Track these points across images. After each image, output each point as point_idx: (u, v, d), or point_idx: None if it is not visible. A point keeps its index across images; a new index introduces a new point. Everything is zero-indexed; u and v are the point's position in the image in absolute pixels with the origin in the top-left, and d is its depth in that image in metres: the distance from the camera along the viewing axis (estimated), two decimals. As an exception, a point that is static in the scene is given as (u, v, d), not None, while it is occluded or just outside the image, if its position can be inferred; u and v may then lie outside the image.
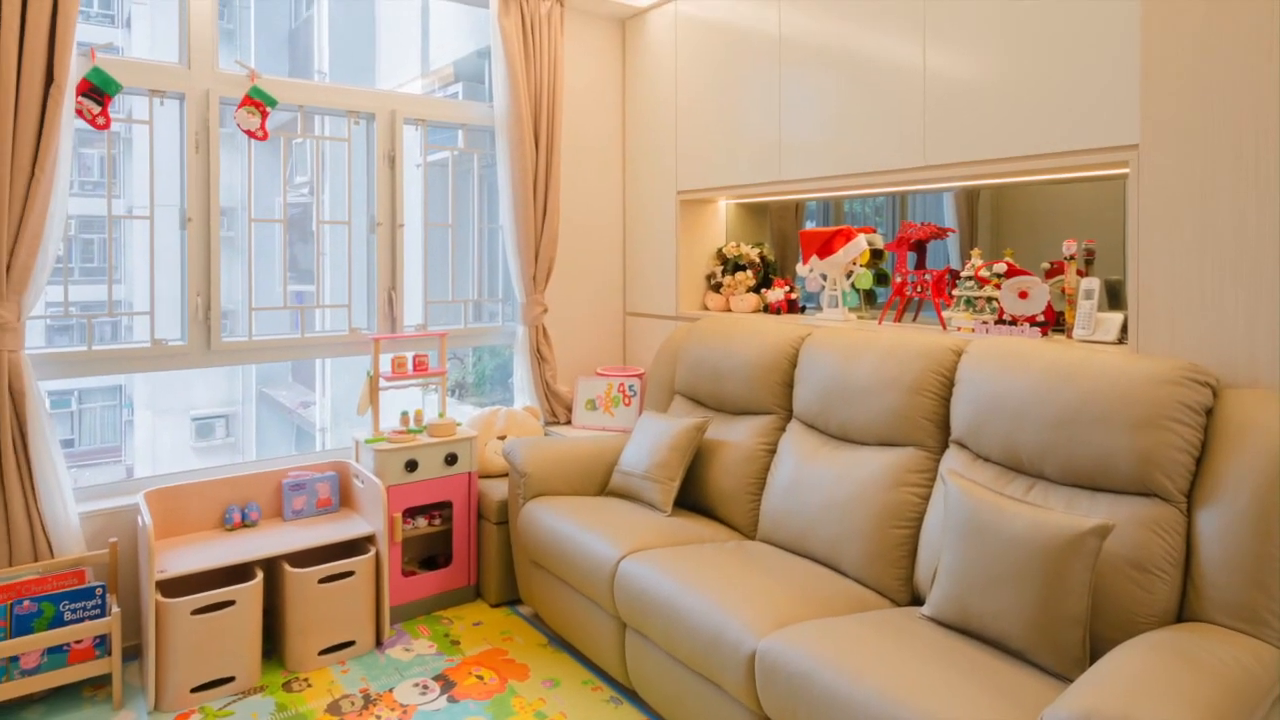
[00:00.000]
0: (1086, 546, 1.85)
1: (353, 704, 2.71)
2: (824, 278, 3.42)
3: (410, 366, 3.55)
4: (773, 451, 3.05)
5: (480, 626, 3.31)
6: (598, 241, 4.47)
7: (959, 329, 2.85)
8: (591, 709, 2.72)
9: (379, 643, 3.13)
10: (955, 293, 2.94)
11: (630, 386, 4.06)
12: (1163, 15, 2.23)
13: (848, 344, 2.86)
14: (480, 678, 2.90)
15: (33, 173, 2.72)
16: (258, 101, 3.30)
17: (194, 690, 2.70)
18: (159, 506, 3.03)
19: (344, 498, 3.42)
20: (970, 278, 2.88)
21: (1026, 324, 2.67)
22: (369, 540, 3.15)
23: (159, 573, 2.68)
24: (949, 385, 2.56)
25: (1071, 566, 1.86)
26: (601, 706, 2.73)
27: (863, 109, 3.14)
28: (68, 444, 10.13)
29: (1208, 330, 2.16)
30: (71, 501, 2.85)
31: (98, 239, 9.49)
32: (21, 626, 2.59)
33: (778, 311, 3.73)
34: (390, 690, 2.80)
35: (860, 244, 3.25)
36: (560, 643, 3.18)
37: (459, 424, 3.57)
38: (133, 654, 3.00)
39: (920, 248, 3.15)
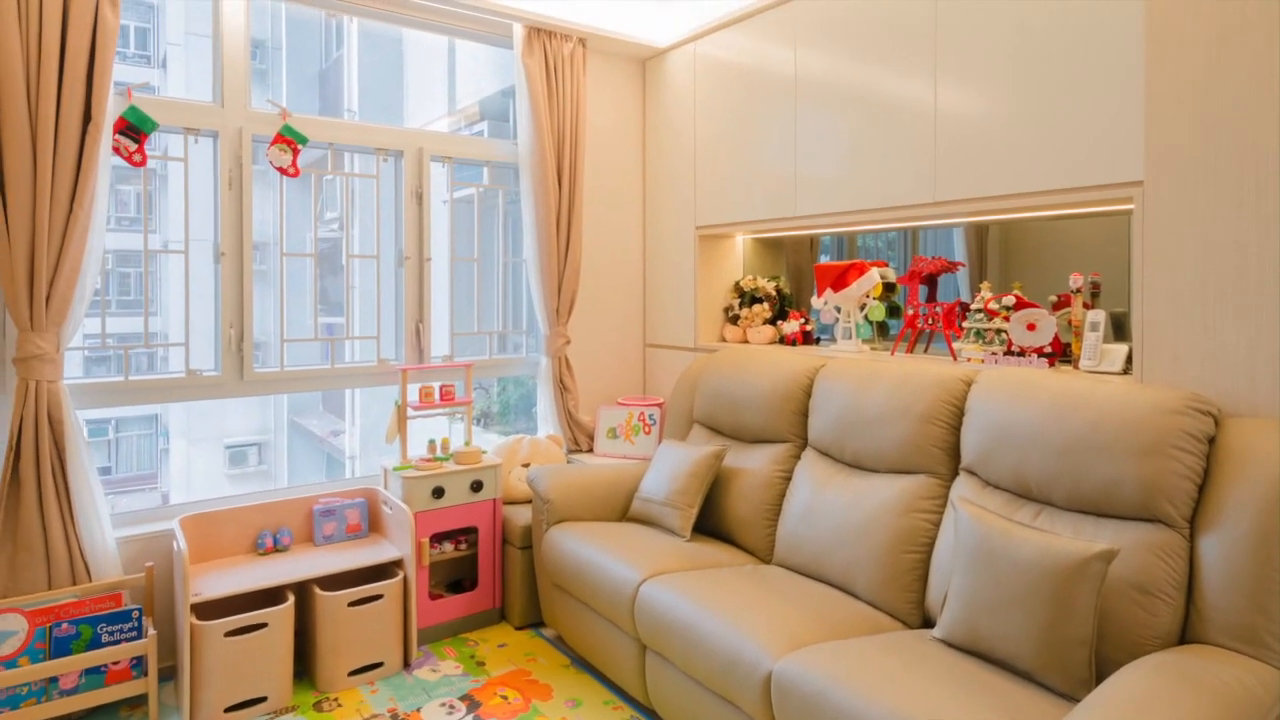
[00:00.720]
0: (1092, 571, 1.89)
1: (381, 723, 2.74)
2: (838, 310, 3.44)
3: (437, 396, 3.56)
4: (788, 479, 3.08)
5: (505, 648, 3.32)
6: (619, 275, 4.49)
7: (969, 360, 2.88)
8: (612, 730, 2.74)
9: (407, 664, 3.14)
10: (965, 325, 2.96)
11: (650, 416, 4.08)
12: (1167, 57, 2.29)
13: (861, 374, 2.90)
14: (505, 698, 2.91)
15: (71, 208, 2.74)
16: (289, 139, 3.35)
17: (227, 710, 2.71)
18: (194, 532, 3.06)
19: (373, 523, 3.44)
20: (980, 310, 2.90)
21: (1034, 355, 2.70)
22: (397, 564, 3.17)
23: (194, 596, 2.71)
24: (959, 414, 2.60)
25: (1078, 590, 1.90)
26: (622, 728, 2.76)
27: (875, 146, 3.17)
28: (105, 471, 10.13)
29: (1209, 361, 2.21)
30: (109, 527, 2.87)
31: (134, 273, 9.47)
32: (60, 648, 2.62)
33: (793, 343, 3.73)
34: (418, 710, 2.82)
35: (873, 277, 3.28)
36: (582, 664, 3.19)
37: (484, 452, 3.59)
38: (168, 675, 3.03)
39: (931, 281, 3.17)
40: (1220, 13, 2.17)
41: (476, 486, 3.46)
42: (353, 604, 2.97)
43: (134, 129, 2.99)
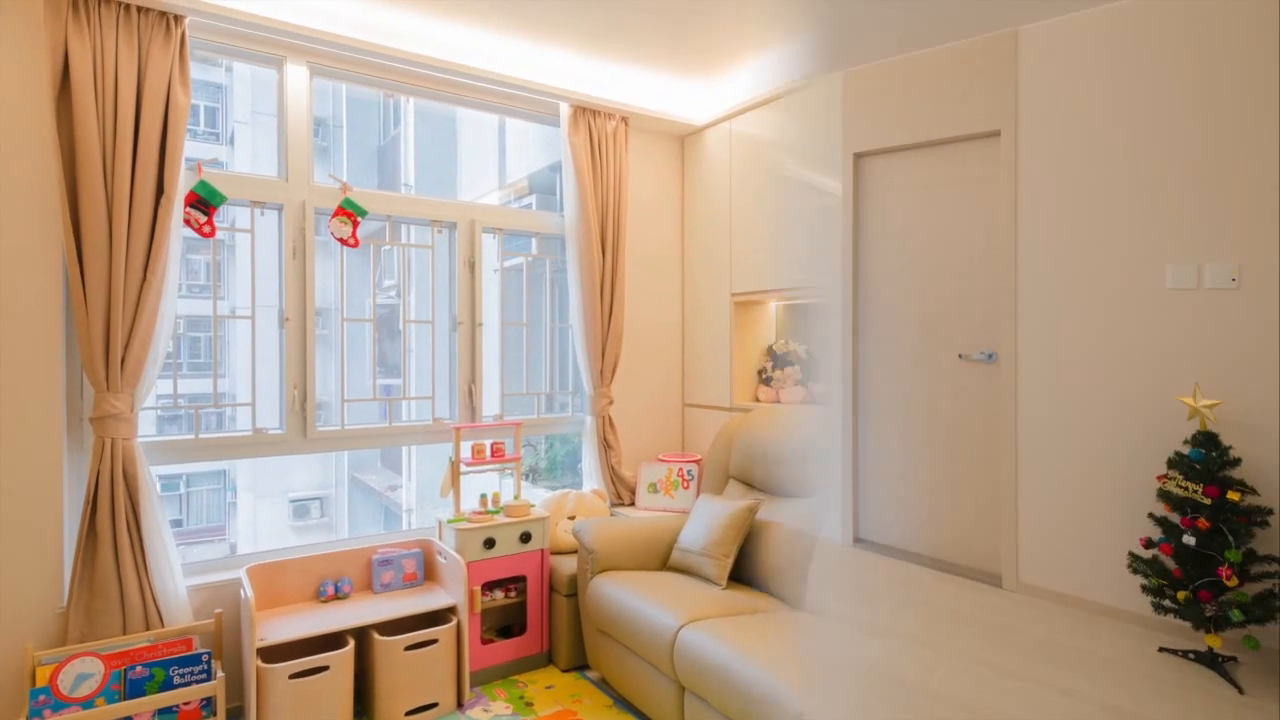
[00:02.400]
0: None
1: (436, 760, 2.79)
2: (866, 371, 3.56)
3: (488, 453, 3.65)
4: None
5: (552, 689, 3.37)
6: (659, 339, 4.56)
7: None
8: (653, 767, 2.77)
9: (460, 704, 3.20)
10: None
11: (689, 471, 4.12)
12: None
13: (887, 431, 3.01)
14: (552, 737, 2.96)
15: (144, 276, 2.81)
16: (349, 212, 3.44)
17: (293, 747, 2.75)
18: (259, 580, 3.15)
19: (428, 572, 3.51)
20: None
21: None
22: (451, 611, 3.25)
23: (259, 641, 2.78)
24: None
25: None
26: (663, 766, 2.78)
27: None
28: (176, 523, 10.05)
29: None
30: (180, 576, 2.94)
31: (204, 337, 9.61)
32: (135, 689, 2.69)
33: (825, 402, 3.81)
34: (470, 748, 2.88)
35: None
36: (625, 704, 3.24)
37: (533, 505, 3.65)
38: (236, 714, 3.09)
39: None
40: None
41: (525, 538, 3.53)
42: (409, 648, 3.04)
43: (204, 202, 3.06)
